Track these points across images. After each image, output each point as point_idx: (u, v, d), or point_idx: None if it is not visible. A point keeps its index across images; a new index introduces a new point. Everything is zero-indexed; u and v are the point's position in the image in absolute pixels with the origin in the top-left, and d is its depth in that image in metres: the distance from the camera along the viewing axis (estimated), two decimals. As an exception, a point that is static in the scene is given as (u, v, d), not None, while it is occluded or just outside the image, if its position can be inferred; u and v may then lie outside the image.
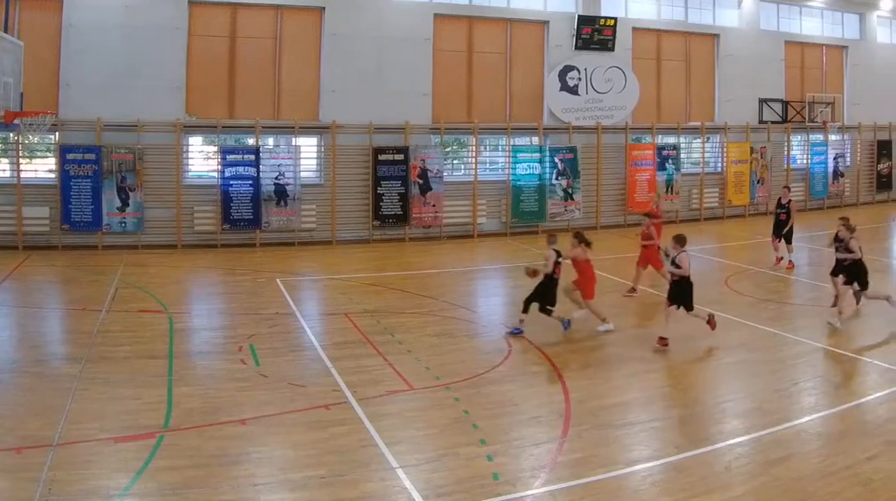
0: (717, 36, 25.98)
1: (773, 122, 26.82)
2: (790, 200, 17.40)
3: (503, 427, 8.41)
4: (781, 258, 17.36)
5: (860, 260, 12.47)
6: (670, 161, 24.51)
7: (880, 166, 29.87)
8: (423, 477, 7.17)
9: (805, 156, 28.03)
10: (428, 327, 12.59)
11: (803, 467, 7.52)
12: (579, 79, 23.31)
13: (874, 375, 10.40)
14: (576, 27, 23.10)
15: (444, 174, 21.22)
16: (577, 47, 23.23)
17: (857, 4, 29.15)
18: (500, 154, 22.70)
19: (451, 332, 12.29)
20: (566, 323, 11.91)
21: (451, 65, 21.88)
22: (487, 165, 22.82)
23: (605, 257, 18.51)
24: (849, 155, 29.06)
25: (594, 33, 23.30)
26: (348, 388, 9.40)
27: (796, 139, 28.03)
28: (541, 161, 22.36)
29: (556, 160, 22.43)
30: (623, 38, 23.82)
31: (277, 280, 15.61)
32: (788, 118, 27.25)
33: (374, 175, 20.22)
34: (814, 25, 28.53)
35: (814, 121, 27.36)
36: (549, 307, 11.78)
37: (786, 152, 27.36)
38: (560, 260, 11.73)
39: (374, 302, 13.88)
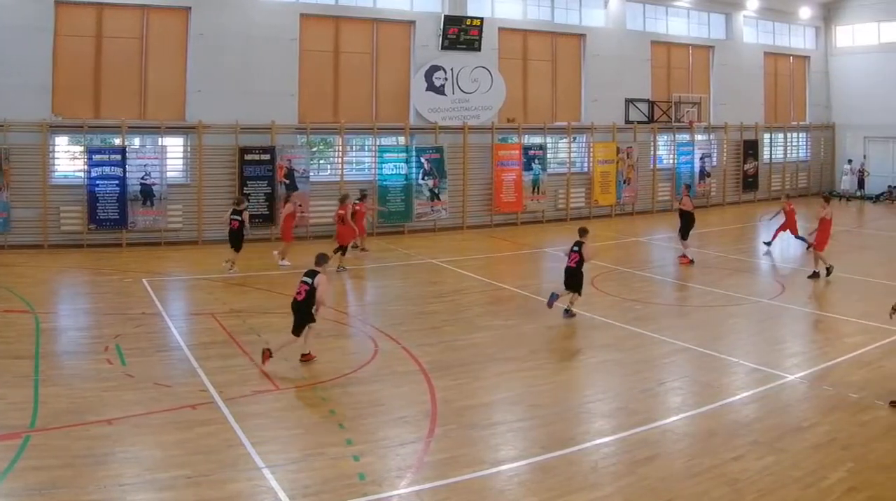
0: (583, 36, 32.94)
1: (639, 122, 34.08)
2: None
3: (369, 428, 10.24)
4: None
5: None
6: (536, 161, 31.03)
7: (746, 166, 37.74)
8: (290, 477, 8.75)
9: (671, 156, 35.51)
10: (294, 327, 15.19)
11: (670, 467, 9.19)
12: (445, 79, 29.31)
13: (741, 375, 12.73)
14: (442, 27, 29.19)
15: (311, 174, 26.78)
16: (443, 47, 29.35)
17: (723, 4, 36.96)
18: (367, 154, 28.61)
19: (318, 332, 14.32)
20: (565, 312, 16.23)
21: (317, 65, 27.52)
22: (354, 165, 28.69)
23: (475, 257, 23.44)
24: (715, 155, 36.87)
25: (460, 33, 29.40)
26: (214, 388, 11.39)
27: (663, 139, 35.46)
28: (407, 161, 28.32)
29: (423, 160, 28.39)
30: (489, 37, 30.18)
31: (144, 280, 19.22)
32: (655, 118, 34.58)
33: (240, 175, 25.43)
34: (680, 25, 36.15)
35: (680, 121, 34.87)
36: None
37: (652, 152, 34.62)
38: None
39: (240, 302, 17.14)
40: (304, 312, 12.88)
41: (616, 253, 24.48)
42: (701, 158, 35.93)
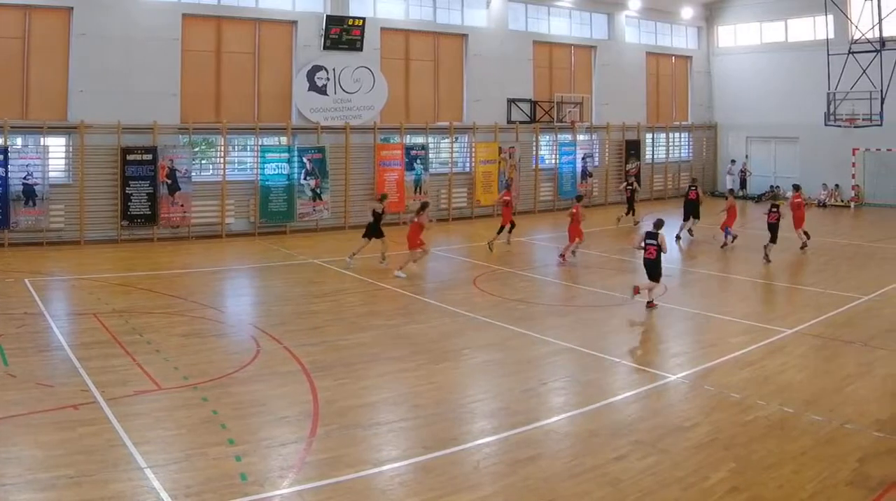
0: (465, 36, 37.89)
1: (521, 122, 39.21)
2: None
3: (251, 428, 11.27)
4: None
5: None
6: (419, 161, 35.70)
7: (628, 166, 43.24)
8: (172, 477, 9.57)
9: (554, 156, 40.78)
10: (176, 327, 16.94)
11: (552, 467, 10.11)
12: (328, 79, 33.60)
13: (622, 375, 14.22)
14: (324, 27, 33.49)
15: (193, 174, 30.69)
16: (325, 47, 33.66)
17: (605, 4, 42.57)
18: (249, 154, 32.76)
19: (200, 332, 16.35)
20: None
21: (199, 65, 31.48)
22: (236, 165, 32.79)
23: (357, 257, 25.56)
24: (597, 154, 42.33)
25: (342, 33, 33.75)
26: (97, 388, 12.49)
27: (545, 139, 40.77)
28: (289, 161, 32.53)
29: (305, 160, 32.65)
30: (371, 38, 34.70)
31: (26, 280, 21.31)
32: (537, 118, 39.78)
33: (122, 175, 29.15)
34: (562, 25, 41.59)
35: (562, 121, 40.07)
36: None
37: (534, 152, 39.70)
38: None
39: (122, 302, 18.94)
40: (654, 267, 19.12)
41: (498, 253, 27.46)
42: (583, 158, 41.36)
